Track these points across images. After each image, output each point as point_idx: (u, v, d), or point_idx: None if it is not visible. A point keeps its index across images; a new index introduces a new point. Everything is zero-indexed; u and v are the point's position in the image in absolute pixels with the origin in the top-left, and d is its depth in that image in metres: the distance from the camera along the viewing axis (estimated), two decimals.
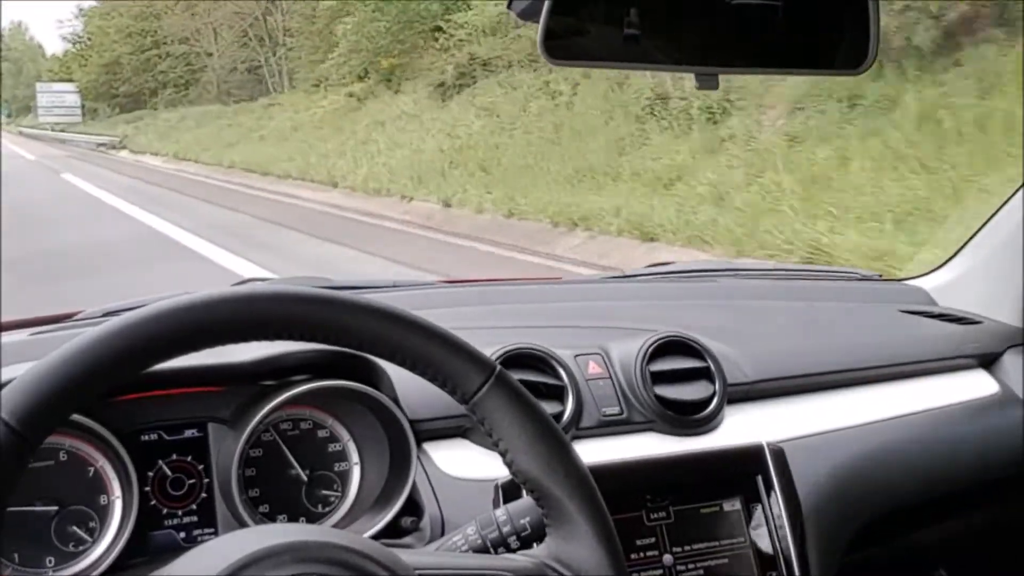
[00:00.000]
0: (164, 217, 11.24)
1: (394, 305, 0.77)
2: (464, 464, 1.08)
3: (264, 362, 1.04)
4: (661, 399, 1.17)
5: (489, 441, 0.79)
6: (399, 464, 1.06)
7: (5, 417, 0.65)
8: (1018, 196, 1.46)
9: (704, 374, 1.21)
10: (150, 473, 1.01)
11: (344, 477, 1.08)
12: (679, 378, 1.20)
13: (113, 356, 0.69)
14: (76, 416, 0.94)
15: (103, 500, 0.98)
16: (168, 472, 1.02)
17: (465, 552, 0.83)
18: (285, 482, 1.06)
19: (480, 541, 0.83)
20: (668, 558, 1.07)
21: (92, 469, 0.98)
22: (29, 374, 0.68)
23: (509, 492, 0.99)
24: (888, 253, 5.23)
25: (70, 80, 46.17)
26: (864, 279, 1.72)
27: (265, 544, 0.68)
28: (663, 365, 1.20)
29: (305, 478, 1.06)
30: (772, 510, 1.11)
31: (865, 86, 7.24)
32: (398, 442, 1.06)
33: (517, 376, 0.82)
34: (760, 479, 1.12)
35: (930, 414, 1.35)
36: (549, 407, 1.10)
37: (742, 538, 1.10)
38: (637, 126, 9.90)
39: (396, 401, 1.05)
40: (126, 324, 0.70)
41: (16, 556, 0.95)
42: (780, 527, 1.11)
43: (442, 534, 0.97)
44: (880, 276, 1.75)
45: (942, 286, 1.59)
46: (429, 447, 1.09)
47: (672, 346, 1.21)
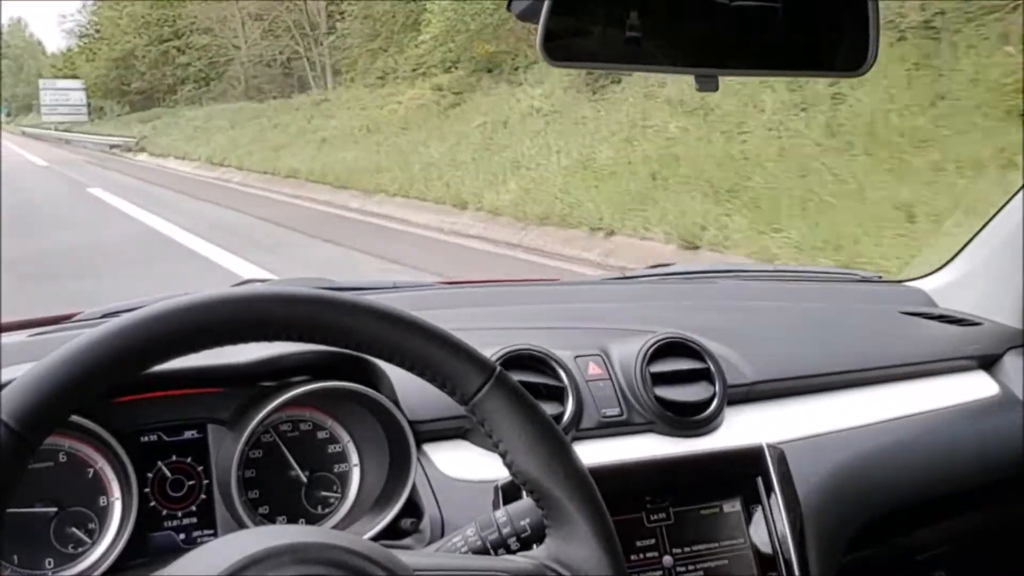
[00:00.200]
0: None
1: (394, 306, 0.77)
2: (464, 465, 1.08)
3: (264, 363, 1.04)
4: (661, 400, 1.17)
5: (489, 442, 0.79)
6: (399, 465, 1.06)
7: (5, 418, 0.65)
8: (1018, 198, 1.46)
9: (704, 375, 1.21)
10: (149, 474, 1.01)
11: (344, 478, 1.08)
12: (679, 379, 1.20)
13: (113, 357, 0.69)
14: (76, 417, 0.94)
15: (103, 501, 0.98)
16: (168, 473, 1.02)
17: (465, 553, 0.83)
18: (285, 483, 1.06)
19: (480, 542, 0.83)
20: (668, 559, 1.07)
21: (92, 470, 0.98)
22: (29, 375, 0.68)
23: (509, 493, 0.99)
24: None
25: (75, 76, 43.19)
26: (864, 280, 1.72)
27: (265, 545, 0.68)
28: (663, 366, 1.20)
29: (305, 479, 1.06)
30: (772, 511, 1.11)
31: None
32: (398, 443, 1.06)
33: (517, 377, 0.82)
34: (760, 480, 1.12)
35: (930, 415, 1.35)
36: (549, 408, 1.10)
37: (742, 539, 1.10)
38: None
39: (396, 402, 1.05)
40: (125, 325, 0.70)
41: (15, 557, 0.94)
42: (780, 528, 1.11)
43: (442, 535, 0.97)
44: (880, 278, 1.75)
45: (942, 287, 1.59)
46: (429, 448, 1.09)
47: (672, 347, 1.21)
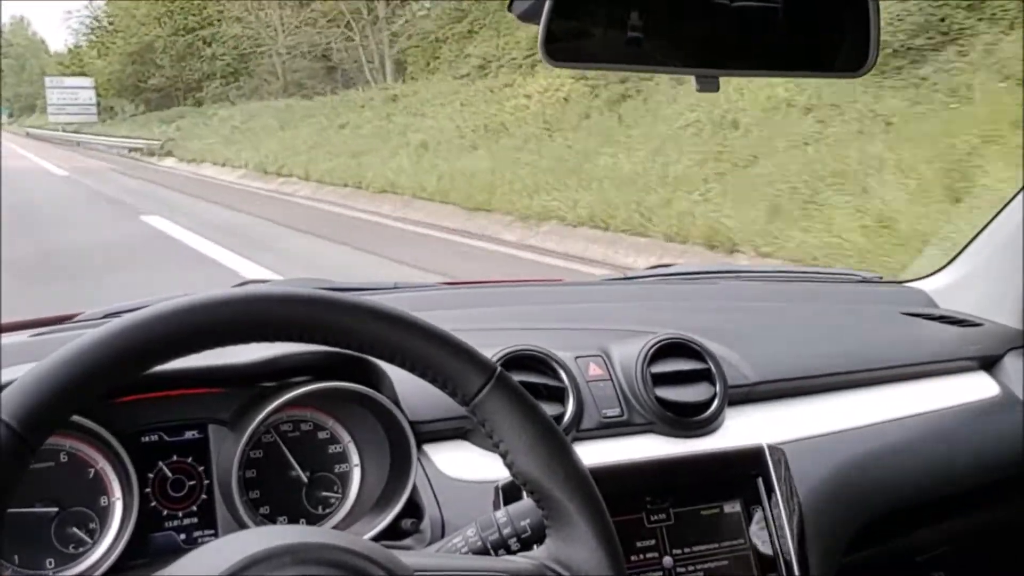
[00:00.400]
0: None
1: (395, 307, 0.77)
2: (464, 466, 1.08)
3: (264, 363, 1.04)
4: (662, 401, 1.17)
5: (489, 443, 0.79)
6: (399, 466, 1.06)
7: (5, 418, 0.65)
8: (1018, 199, 1.46)
9: (705, 376, 1.21)
10: (150, 474, 1.01)
11: (344, 479, 1.08)
12: (680, 380, 1.20)
13: (113, 357, 0.69)
14: (76, 417, 0.94)
15: (103, 501, 0.98)
16: (168, 473, 1.02)
17: (465, 554, 0.83)
18: (285, 484, 1.06)
19: (480, 543, 0.83)
20: (668, 560, 1.07)
21: (92, 470, 0.98)
22: (29, 375, 0.68)
23: (509, 494, 0.99)
24: None
25: (83, 74, 40.29)
26: (865, 281, 1.72)
27: (265, 545, 0.68)
28: (664, 367, 1.20)
29: (305, 480, 1.06)
30: (772, 512, 1.11)
31: None
32: (398, 444, 1.06)
33: (518, 378, 0.82)
34: (760, 481, 1.12)
35: (931, 416, 1.35)
36: (550, 409, 1.10)
37: (742, 540, 1.10)
38: None
39: (396, 403, 1.05)
40: (126, 325, 0.70)
41: (16, 557, 0.94)
42: (780, 529, 1.11)
43: (442, 536, 0.97)
44: (881, 278, 1.75)
45: (943, 288, 1.59)
46: (429, 449, 1.09)
47: (673, 348, 1.21)
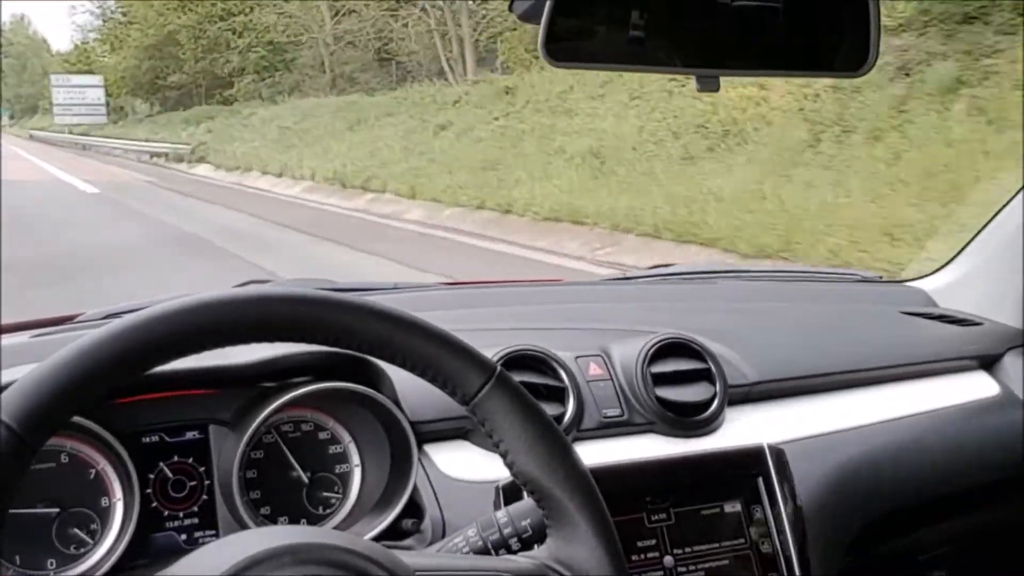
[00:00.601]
0: None
1: (395, 307, 0.77)
2: (465, 466, 1.08)
3: (265, 364, 1.04)
4: (662, 400, 1.17)
5: (490, 442, 0.79)
6: (400, 466, 1.06)
7: (6, 420, 0.65)
8: (1018, 198, 1.46)
9: (705, 376, 1.21)
10: (151, 475, 1.01)
11: (345, 479, 1.08)
12: (680, 380, 1.20)
13: (114, 358, 0.69)
14: (77, 418, 0.94)
15: (104, 502, 0.98)
16: (169, 474, 1.02)
17: (466, 554, 0.83)
18: (286, 484, 1.06)
19: (481, 543, 0.83)
20: (669, 560, 1.07)
21: (93, 471, 0.98)
22: (30, 377, 0.68)
23: (510, 494, 0.99)
24: None
25: (90, 71, 37.12)
26: (864, 280, 1.72)
27: (266, 546, 0.68)
28: (664, 367, 1.20)
29: (306, 480, 1.06)
30: (773, 511, 1.11)
31: None
32: (399, 444, 1.06)
33: (518, 378, 0.82)
34: (761, 480, 1.12)
35: (931, 415, 1.35)
36: (550, 409, 1.10)
37: (743, 539, 1.10)
38: None
39: (397, 403, 1.05)
40: (127, 326, 0.70)
41: (17, 558, 0.95)
42: (781, 528, 1.11)
43: (443, 536, 0.97)
44: (881, 278, 1.75)
45: (942, 288, 1.59)
46: (430, 449, 1.09)
47: (673, 348, 1.21)
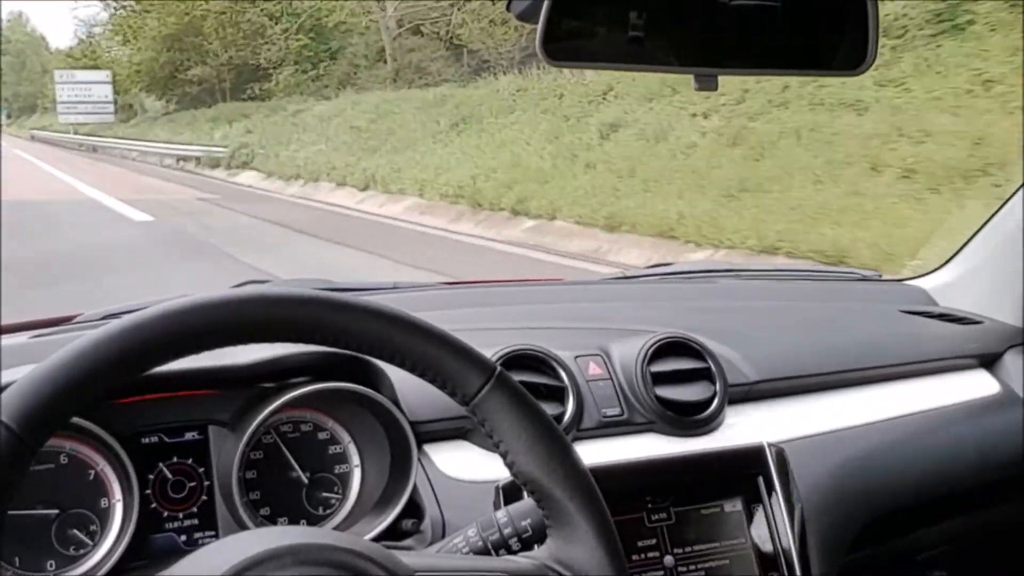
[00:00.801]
0: None
1: (394, 307, 0.77)
2: (465, 466, 1.08)
3: (264, 364, 1.04)
4: (662, 400, 1.17)
5: (490, 442, 0.79)
6: (400, 466, 1.06)
7: (5, 420, 0.65)
8: (1018, 196, 1.46)
9: (705, 375, 1.21)
10: (151, 476, 1.01)
11: (345, 479, 1.08)
12: (680, 379, 1.20)
13: (113, 359, 0.69)
14: (76, 419, 0.94)
15: (104, 503, 0.98)
16: (169, 475, 1.02)
17: (466, 554, 0.83)
18: (286, 484, 1.06)
19: (481, 543, 0.83)
20: (669, 559, 1.07)
21: (93, 472, 0.98)
22: (29, 377, 0.67)
23: (510, 494, 0.99)
24: None
25: (96, 67, 33.44)
26: (864, 279, 1.72)
27: (266, 546, 0.68)
28: (664, 366, 1.20)
29: (306, 480, 1.06)
30: (773, 510, 1.11)
31: None
32: (399, 444, 1.06)
33: (517, 377, 0.82)
34: (761, 480, 1.12)
35: (931, 414, 1.35)
36: (550, 408, 1.10)
37: (743, 539, 1.10)
38: None
39: (396, 403, 1.05)
40: (126, 327, 0.70)
41: (17, 560, 0.94)
42: (781, 528, 1.11)
43: (443, 536, 0.97)
44: (880, 276, 1.75)
45: (942, 286, 1.59)
46: (430, 449, 1.09)
47: (673, 347, 1.21)
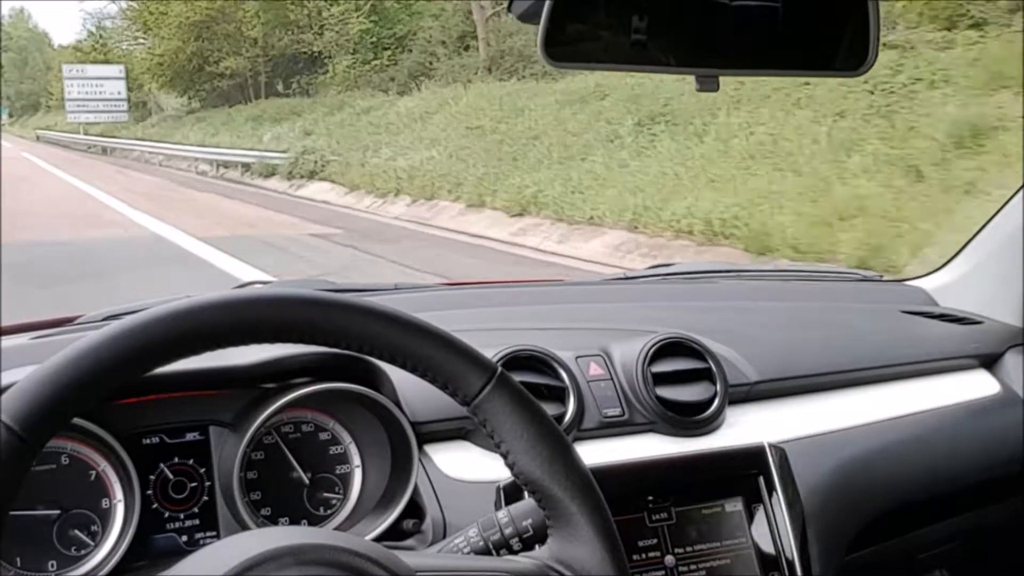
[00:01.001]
0: None
1: (394, 307, 0.77)
2: (466, 466, 1.08)
3: (265, 365, 1.04)
4: (662, 400, 1.17)
5: (490, 443, 0.79)
6: (401, 466, 1.06)
7: (7, 421, 0.65)
8: (1018, 197, 1.46)
9: (705, 375, 1.21)
10: (152, 476, 1.01)
11: (346, 479, 1.08)
12: (680, 379, 1.20)
13: (114, 359, 0.69)
14: (78, 420, 0.94)
15: (105, 503, 0.98)
16: (170, 475, 1.02)
17: (467, 554, 0.83)
18: (287, 485, 1.06)
19: (482, 543, 0.83)
20: (670, 559, 1.07)
21: (94, 472, 0.98)
22: (31, 378, 0.68)
23: (511, 494, 0.99)
24: None
25: (107, 62, 30.64)
26: (865, 280, 1.72)
27: (267, 547, 0.68)
28: (664, 366, 1.20)
29: (307, 481, 1.06)
30: (774, 510, 1.11)
31: None
32: (400, 444, 1.06)
33: (518, 378, 0.82)
34: (762, 480, 1.12)
35: (931, 414, 1.35)
36: (550, 409, 1.10)
37: (744, 539, 1.10)
38: None
39: (397, 403, 1.05)
40: (127, 327, 0.70)
41: (18, 560, 0.95)
42: (782, 527, 1.11)
43: (444, 536, 0.97)
44: (881, 277, 1.75)
45: (942, 287, 1.59)
46: (431, 449, 1.09)
47: (673, 347, 1.21)
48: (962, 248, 1.58)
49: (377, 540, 0.98)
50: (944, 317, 1.51)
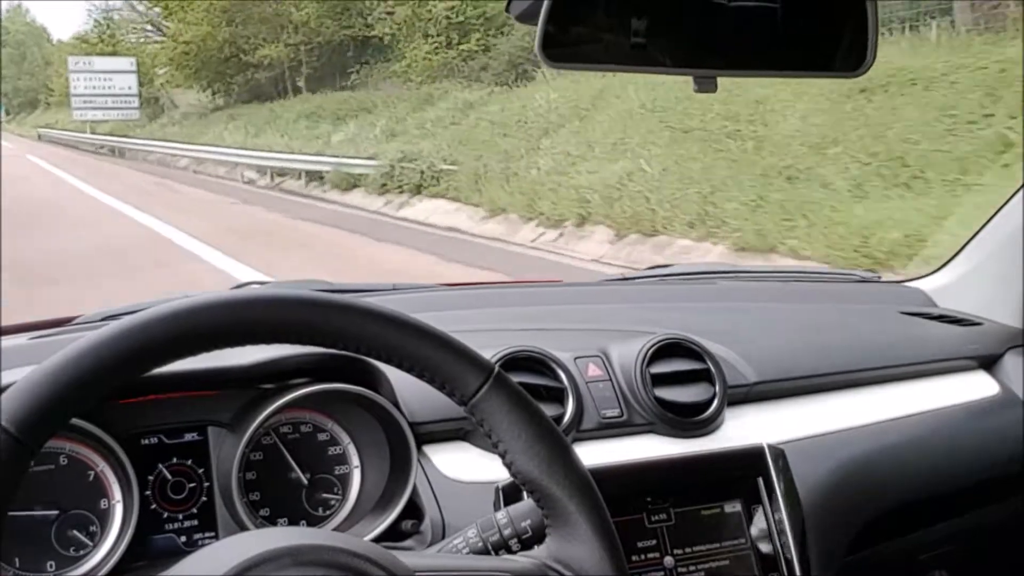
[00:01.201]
0: None
1: (392, 308, 0.77)
2: (464, 466, 1.08)
3: (264, 365, 1.04)
4: (661, 401, 1.17)
5: (489, 443, 0.79)
6: (399, 467, 1.06)
7: (4, 422, 0.65)
8: (1017, 197, 1.46)
9: (704, 376, 1.21)
10: (150, 477, 1.01)
11: (344, 480, 1.08)
12: (679, 380, 1.20)
13: (112, 360, 0.69)
14: (76, 420, 0.94)
15: (103, 504, 0.98)
16: (168, 476, 1.02)
17: (466, 554, 0.83)
18: (285, 485, 1.06)
19: (481, 543, 0.83)
20: (669, 560, 1.07)
21: (92, 473, 0.98)
22: (28, 379, 0.67)
23: (510, 494, 0.99)
24: None
25: (115, 54, 27.14)
26: (864, 281, 1.72)
27: (266, 547, 0.68)
28: (663, 367, 1.20)
29: (305, 481, 1.06)
30: (773, 512, 1.11)
31: None
32: (398, 445, 1.06)
33: (516, 379, 0.82)
34: (761, 481, 1.12)
35: (930, 415, 1.35)
36: (549, 409, 1.10)
37: (743, 540, 1.10)
38: None
39: (396, 404, 1.05)
40: (125, 328, 0.70)
41: (17, 560, 0.94)
42: (781, 528, 1.11)
43: (443, 537, 0.97)
44: (880, 277, 1.75)
45: (942, 287, 1.59)
46: (429, 450, 1.09)
47: (672, 348, 1.21)
48: (961, 248, 1.58)
49: (376, 541, 0.98)
50: (943, 318, 1.51)
